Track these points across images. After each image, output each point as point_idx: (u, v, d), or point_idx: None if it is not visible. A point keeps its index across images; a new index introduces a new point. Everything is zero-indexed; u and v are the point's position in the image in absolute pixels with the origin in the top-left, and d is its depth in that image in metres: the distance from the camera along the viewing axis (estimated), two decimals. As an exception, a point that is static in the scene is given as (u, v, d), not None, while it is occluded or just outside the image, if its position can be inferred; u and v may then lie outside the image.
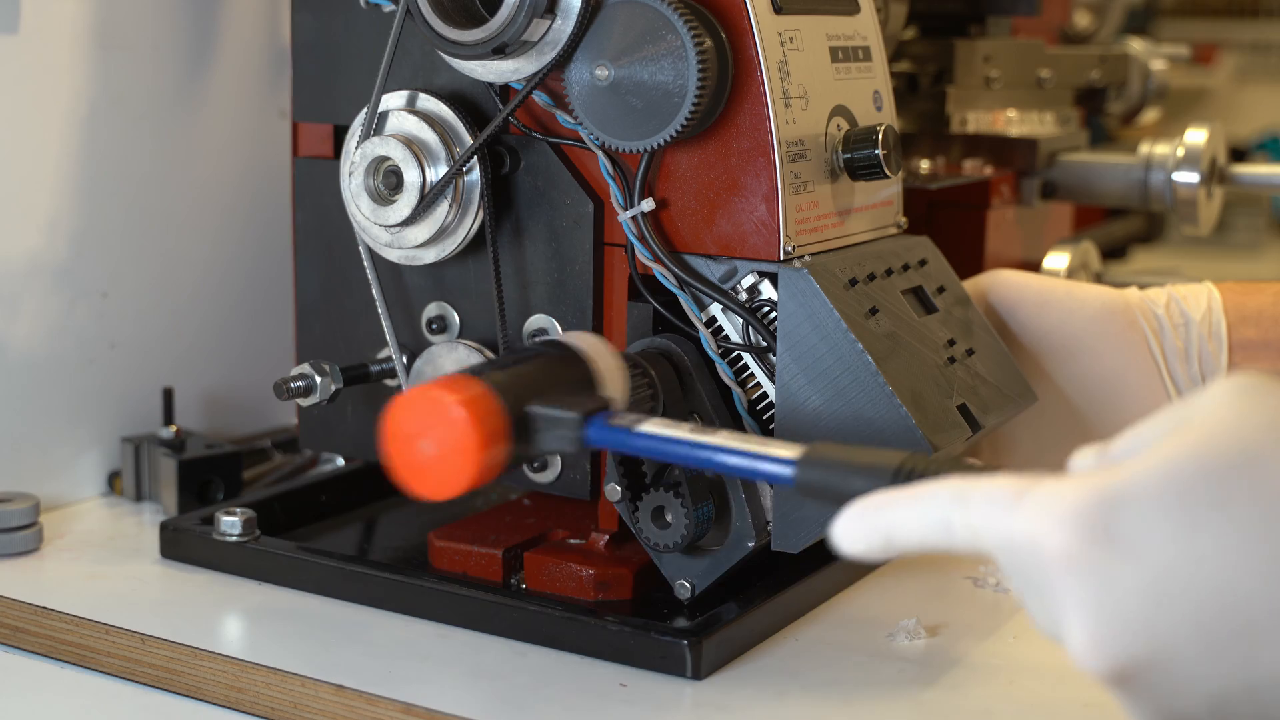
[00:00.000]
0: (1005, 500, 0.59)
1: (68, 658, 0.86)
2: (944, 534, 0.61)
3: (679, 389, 0.86)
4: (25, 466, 1.06)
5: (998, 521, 0.59)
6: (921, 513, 0.61)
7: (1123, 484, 0.57)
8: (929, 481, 0.63)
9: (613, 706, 0.79)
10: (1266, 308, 0.99)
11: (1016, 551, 0.59)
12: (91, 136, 1.08)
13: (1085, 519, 0.56)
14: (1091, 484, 0.57)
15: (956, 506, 0.60)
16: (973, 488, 0.60)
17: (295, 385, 0.94)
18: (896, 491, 0.63)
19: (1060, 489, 0.58)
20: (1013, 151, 1.16)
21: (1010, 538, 0.59)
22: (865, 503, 0.63)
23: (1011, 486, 0.59)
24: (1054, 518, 0.57)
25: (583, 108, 0.85)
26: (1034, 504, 0.58)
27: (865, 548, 0.63)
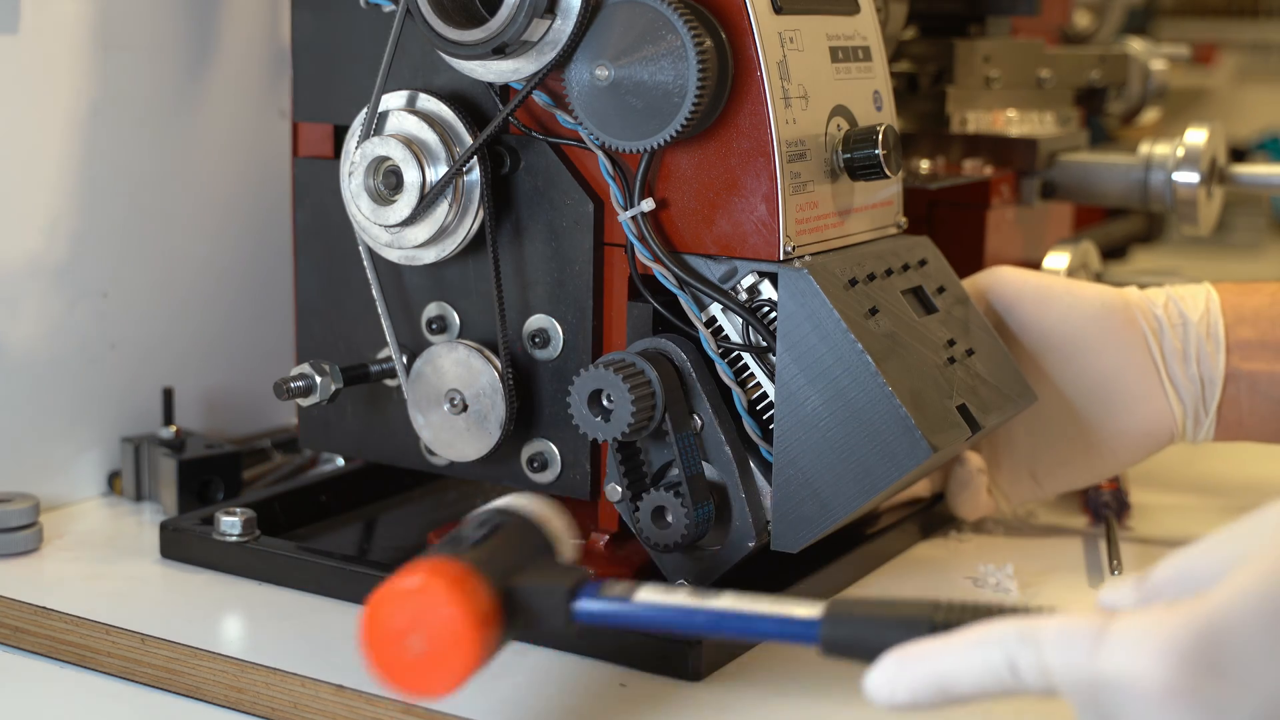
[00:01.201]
0: (1085, 639, 0.57)
1: (68, 658, 0.86)
2: (1010, 677, 0.58)
3: (679, 389, 0.86)
4: (25, 466, 1.06)
5: (1079, 662, 0.57)
6: (981, 657, 0.59)
7: (1220, 613, 0.56)
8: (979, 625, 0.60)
9: (613, 706, 0.79)
10: (1264, 308, 0.99)
11: (1107, 691, 0.57)
12: (91, 136, 1.08)
13: (1189, 651, 0.55)
14: (1186, 615, 0.56)
15: (1024, 648, 0.58)
16: (1041, 627, 0.58)
17: (295, 385, 0.94)
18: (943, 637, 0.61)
19: (1152, 623, 0.56)
20: (1013, 151, 1.16)
21: (1099, 677, 0.57)
22: (905, 651, 0.61)
23: (1088, 624, 0.58)
24: (1154, 653, 0.56)
25: (583, 108, 0.85)
26: (1125, 640, 0.56)
27: (913, 699, 0.60)
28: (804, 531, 0.85)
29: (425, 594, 0.65)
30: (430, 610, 0.65)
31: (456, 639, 0.65)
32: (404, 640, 0.66)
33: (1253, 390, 0.98)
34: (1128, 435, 1.00)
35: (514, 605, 0.68)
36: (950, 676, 0.59)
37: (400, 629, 0.66)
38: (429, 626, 0.65)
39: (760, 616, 0.65)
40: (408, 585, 0.66)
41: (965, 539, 1.04)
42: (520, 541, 0.71)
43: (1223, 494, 1.17)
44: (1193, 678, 0.55)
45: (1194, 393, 0.99)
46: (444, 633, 0.65)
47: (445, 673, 0.66)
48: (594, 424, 0.84)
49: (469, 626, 0.65)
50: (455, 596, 0.65)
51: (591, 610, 0.68)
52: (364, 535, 1.05)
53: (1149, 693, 0.55)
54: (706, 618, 0.66)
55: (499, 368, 0.91)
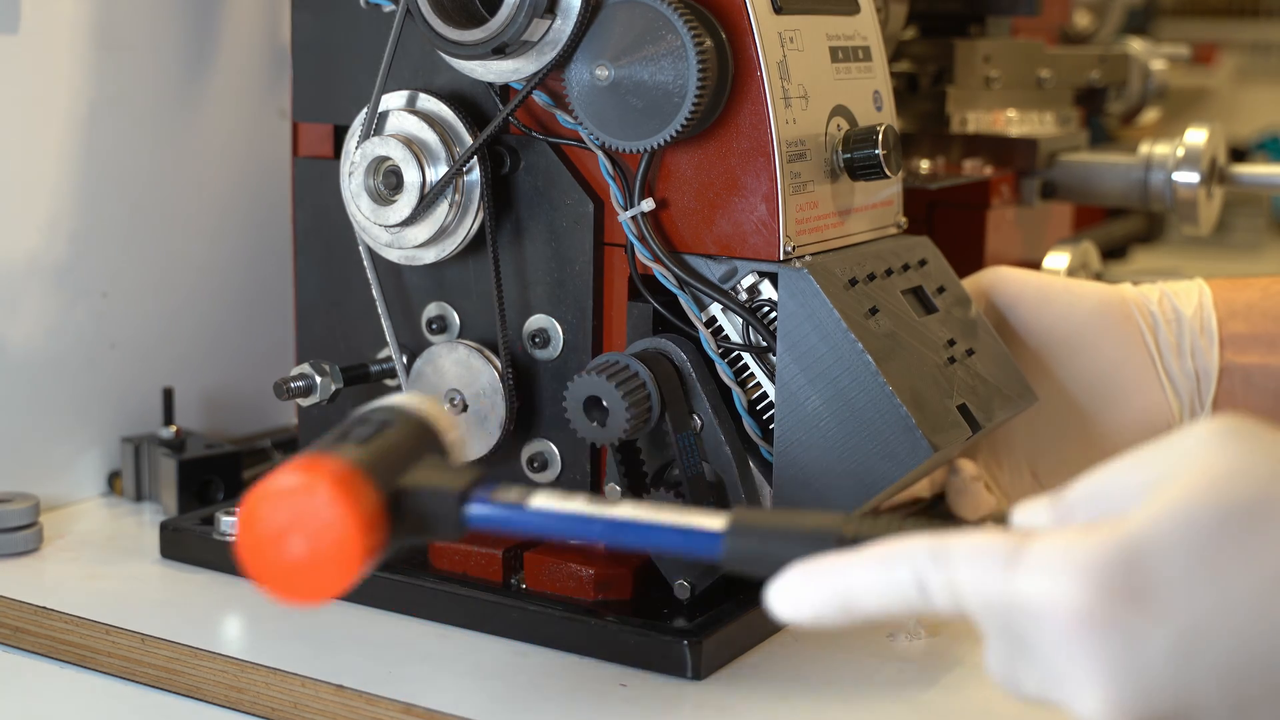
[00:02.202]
0: (999, 559, 0.55)
1: (68, 658, 0.86)
2: (917, 595, 0.57)
3: (679, 389, 0.86)
4: (25, 466, 1.06)
5: (990, 581, 0.55)
6: (888, 575, 0.57)
7: (1140, 535, 0.54)
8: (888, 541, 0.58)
9: (613, 706, 0.79)
10: (1255, 302, 1.00)
11: (1014, 612, 0.55)
12: (91, 136, 1.08)
13: (1104, 574, 0.53)
14: (1104, 537, 0.54)
15: (934, 565, 0.56)
16: (952, 545, 0.56)
17: (295, 385, 0.94)
18: (850, 552, 0.58)
19: (1065, 544, 0.54)
20: (1013, 151, 1.16)
21: (1013, 600, 0.55)
22: (813, 565, 0.58)
23: (1000, 542, 0.56)
24: (1068, 575, 0.53)
25: (583, 108, 0.85)
26: (1040, 562, 0.54)
27: (814, 615, 0.58)
28: (804, 531, 0.85)
29: (307, 493, 0.60)
30: (312, 510, 0.60)
31: (341, 542, 0.60)
32: (283, 542, 0.61)
33: (1247, 383, 0.99)
34: (1127, 430, 1.01)
35: (402, 508, 0.64)
36: (856, 593, 0.57)
37: (279, 530, 0.61)
38: (311, 528, 0.60)
39: (660, 527, 0.62)
40: (288, 483, 0.61)
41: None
42: (409, 441, 0.66)
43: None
44: (1110, 602, 0.53)
45: (1190, 387, 1.00)
46: (327, 535, 0.60)
47: (327, 577, 0.61)
48: (590, 429, 0.84)
49: (354, 528, 0.61)
50: (339, 496, 0.60)
51: (484, 515, 0.64)
52: (364, 535, 1.05)
53: (1064, 617, 0.53)
54: (603, 527, 0.62)
55: (499, 368, 0.91)
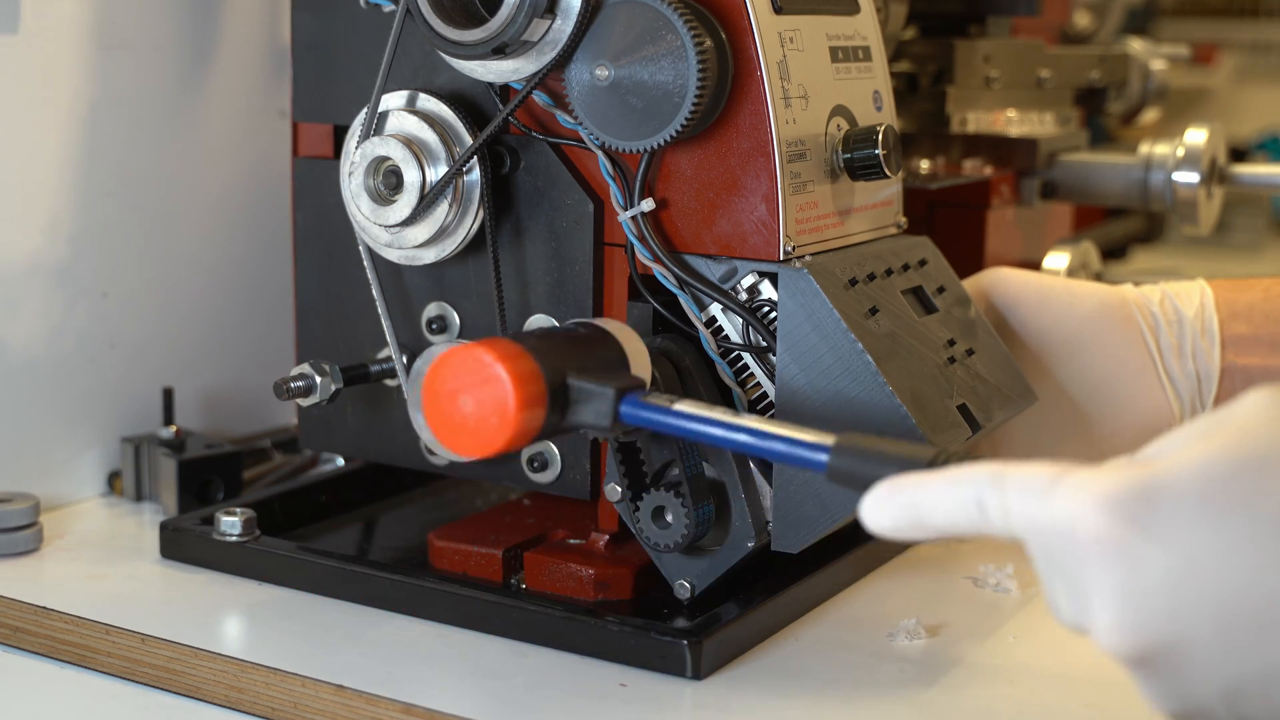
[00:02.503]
0: (1041, 484, 0.61)
1: (68, 658, 0.86)
2: (977, 515, 0.62)
3: (679, 389, 0.86)
4: (25, 466, 1.06)
5: (1032, 504, 0.60)
6: (955, 492, 0.63)
7: (1158, 475, 0.58)
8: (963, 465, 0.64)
9: (613, 706, 0.79)
10: (1257, 303, 1.00)
11: (1048, 534, 0.60)
12: (91, 136, 1.08)
13: (1119, 504, 0.58)
14: (1127, 473, 0.59)
15: (991, 488, 0.62)
16: (1009, 471, 0.62)
17: (295, 385, 0.94)
18: (928, 472, 0.64)
19: (1096, 476, 0.59)
20: (1013, 151, 1.16)
21: (1043, 520, 0.60)
22: (896, 481, 0.65)
23: (1048, 471, 0.61)
24: (1089, 502, 0.59)
25: (583, 108, 0.85)
26: (1069, 488, 0.60)
27: (893, 524, 0.64)
28: (804, 532, 0.85)
29: (479, 362, 0.72)
30: (480, 378, 0.72)
31: (499, 409, 0.72)
32: (456, 399, 0.73)
33: (1249, 385, 0.99)
34: (1127, 431, 1.01)
35: (564, 398, 0.75)
36: (926, 507, 0.64)
37: (452, 389, 0.73)
38: (476, 392, 0.72)
39: (776, 436, 0.71)
40: (469, 352, 0.73)
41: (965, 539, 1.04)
42: (592, 348, 0.78)
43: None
44: (1119, 527, 0.58)
45: (1191, 388, 1.00)
46: (488, 401, 0.72)
47: (484, 437, 0.73)
48: (594, 424, 0.84)
49: (512, 401, 0.72)
50: (505, 370, 0.72)
51: (634, 413, 0.74)
52: (364, 535, 1.05)
53: (1080, 537, 0.59)
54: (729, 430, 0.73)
55: (499, 368, 0.91)
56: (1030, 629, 0.90)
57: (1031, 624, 0.90)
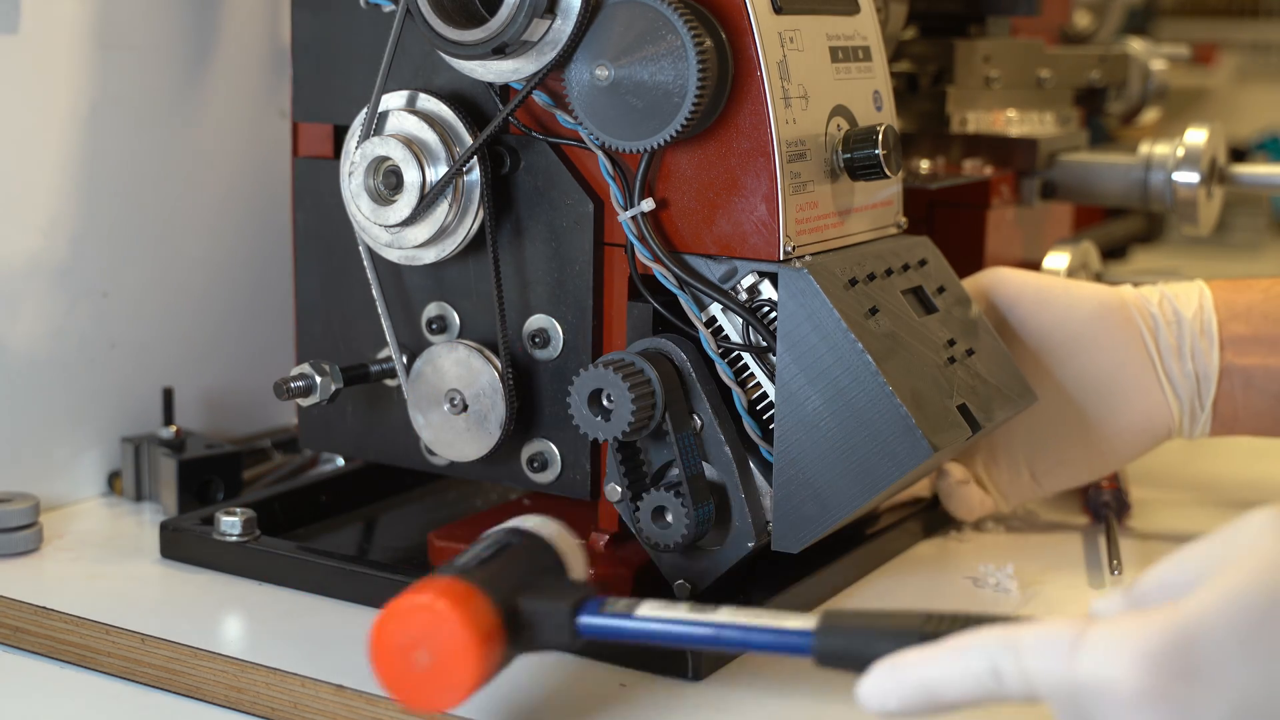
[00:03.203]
0: (1063, 643, 0.59)
1: (68, 658, 0.86)
2: (992, 684, 0.60)
3: (680, 389, 0.86)
4: (25, 466, 1.06)
5: (1057, 666, 0.59)
6: (965, 664, 0.60)
7: (1194, 619, 0.57)
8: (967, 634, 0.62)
9: (613, 706, 0.79)
10: (1256, 304, 1.00)
11: (1084, 695, 0.58)
12: (91, 136, 1.08)
13: (1162, 656, 0.57)
14: (1161, 621, 0.58)
15: (1006, 654, 0.60)
16: (1022, 634, 0.60)
17: (295, 385, 0.94)
18: (930, 646, 0.62)
19: (1124, 629, 0.58)
20: (1013, 151, 1.16)
21: (1073, 682, 0.58)
22: (895, 660, 0.62)
23: (1066, 629, 0.59)
24: (1128, 657, 0.57)
25: (583, 108, 0.85)
26: (1101, 645, 0.58)
27: (900, 705, 0.62)
28: (804, 531, 0.85)
29: (429, 611, 0.68)
30: (435, 627, 0.68)
31: (460, 654, 0.68)
32: (410, 655, 0.69)
33: (1247, 385, 0.99)
34: (1127, 431, 1.01)
35: (518, 622, 0.71)
36: (938, 683, 0.61)
37: (406, 644, 0.69)
38: (433, 642, 0.68)
39: (756, 629, 0.68)
40: (413, 602, 0.69)
41: (965, 539, 1.04)
42: (528, 560, 0.74)
43: (1222, 493, 1.17)
44: (1165, 681, 0.56)
45: (1190, 388, 1.00)
46: (448, 648, 0.68)
47: (450, 687, 0.69)
48: (594, 424, 0.84)
49: (472, 642, 0.68)
50: (458, 614, 0.68)
51: (594, 625, 0.71)
52: (364, 535, 1.05)
53: (1123, 696, 0.57)
54: (705, 631, 0.69)
55: (499, 368, 0.91)
56: (1030, 629, 0.90)
57: None
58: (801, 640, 0.67)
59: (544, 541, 0.76)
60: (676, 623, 0.70)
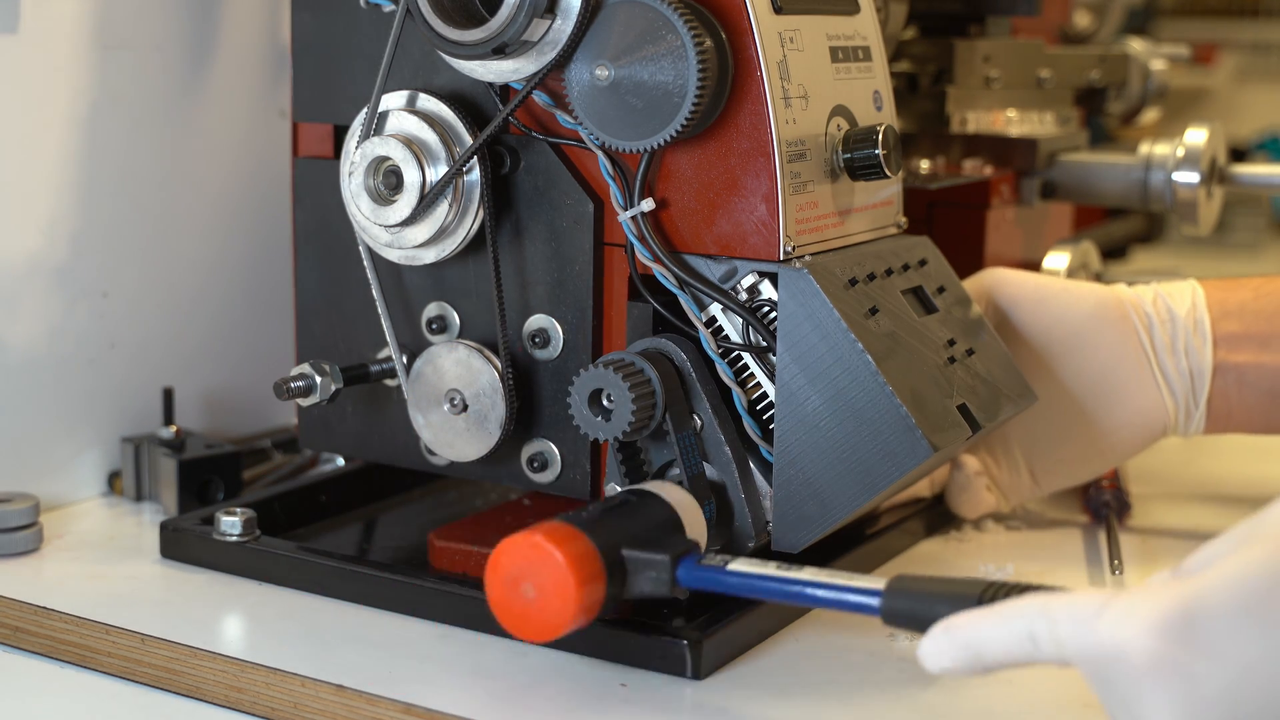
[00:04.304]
0: (1089, 612, 0.63)
1: (68, 658, 0.86)
2: (1030, 647, 0.64)
3: (679, 389, 0.86)
4: (25, 466, 1.06)
5: (1083, 633, 0.63)
6: (1008, 628, 0.65)
7: (1201, 592, 0.61)
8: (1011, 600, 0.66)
9: (613, 706, 0.79)
10: (1247, 302, 1.01)
11: (1102, 660, 0.62)
12: (91, 136, 1.08)
13: (1168, 625, 0.60)
14: (1171, 593, 0.61)
15: (1041, 621, 0.64)
16: (1056, 602, 0.64)
17: (295, 385, 0.94)
18: (979, 610, 0.67)
19: (1141, 599, 0.62)
20: (1013, 151, 1.16)
21: (1095, 647, 0.62)
22: (949, 622, 0.67)
23: (1094, 599, 0.63)
24: (1138, 625, 0.61)
25: (583, 108, 0.85)
26: (1117, 614, 0.62)
27: (953, 664, 0.67)
28: (804, 531, 0.85)
29: (537, 548, 0.75)
30: (540, 563, 0.75)
31: (561, 591, 0.74)
32: (519, 586, 0.75)
33: (1240, 382, 1.00)
34: (1124, 429, 1.01)
35: (622, 569, 0.77)
36: (983, 644, 0.66)
37: (516, 576, 0.75)
38: (539, 577, 0.75)
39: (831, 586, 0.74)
40: (525, 539, 0.75)
41: (966, 538, 1.04)
42: (644, 517, 0.80)
43: (1222, 492, 1.17)
44: (1171, 648, 0.60)
45: (1184, 385, 1.00)
46: (551, 584, 0.74)
47: (551, 619, 0.75)
48: (594, 424, 0.84)
49: (573, 581, 0.74)
50: (563, 553, 0.74)
51: (691, 575, 0.77)
52: (364, 535, 1.05)
53: (1134, 660, 0.61)
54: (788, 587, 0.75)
55: (499, 368, 0.91)
56: (1030, 629, 0.90)
57: None
58: (870, 599, 0.72)
59: (664, 502, 0.81)
60: (765, 579, 0.76)
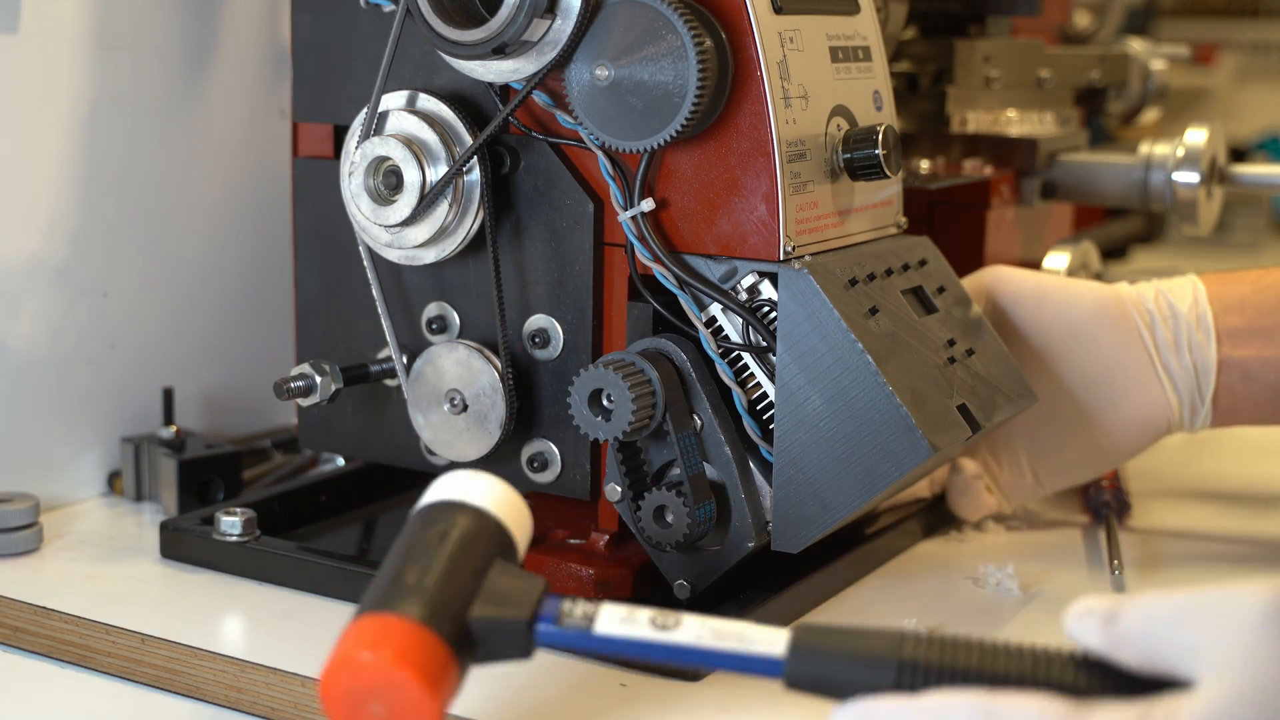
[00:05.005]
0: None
1: (68, 658, 0.86)
2: None
3: (679, 389, 0.86)
4: (25, 466, 1.06)
5: None
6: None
7: None
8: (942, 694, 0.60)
9: (613, 706, 0.79)
10: (1248, 295, 1.01)
11: None
12: (91, 136, 1.08)
13: None
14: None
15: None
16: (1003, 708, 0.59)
17: (295, 385, 0.94)
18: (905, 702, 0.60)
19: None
20: (1013, 151, 1.16)
21: None
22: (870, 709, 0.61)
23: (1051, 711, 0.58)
24: None
25: (583, 108, 0.85)
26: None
27: None
28: (805, 531, 0.85)
29: (376, 668, 0.64)
30: (384, 683, 0.64)
31: (415, 703, 0.64)
32: (365, 707, 0.65)
33: (1245, 376, 1.00)
34: (1127, 427, 1.01)
35: (471, 641, 0.66)
36: None
37: (358, 699, 0.64)
38: (385, 697, 0.64)
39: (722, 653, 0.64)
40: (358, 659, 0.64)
41: (966, 538, 1.04)
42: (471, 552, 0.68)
43: (1223, 492, 1.17)
44: None
45: (1189, 382, 1.00)
46: (402, 703, 0.64)
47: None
48: (594, 424, 0.84)
49: (426, 692, 0.64)
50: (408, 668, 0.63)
51: (551, 638, 0.66)
52: (364, 535, 1.05)
53: None
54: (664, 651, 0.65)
55: (499, 368, 0.91)
56: (1030, 629, 0.90)
57: (1031, 624, 0.90)
58: (771, 667, 0.63)
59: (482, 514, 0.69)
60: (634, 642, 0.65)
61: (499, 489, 0.71)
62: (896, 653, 0.61)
